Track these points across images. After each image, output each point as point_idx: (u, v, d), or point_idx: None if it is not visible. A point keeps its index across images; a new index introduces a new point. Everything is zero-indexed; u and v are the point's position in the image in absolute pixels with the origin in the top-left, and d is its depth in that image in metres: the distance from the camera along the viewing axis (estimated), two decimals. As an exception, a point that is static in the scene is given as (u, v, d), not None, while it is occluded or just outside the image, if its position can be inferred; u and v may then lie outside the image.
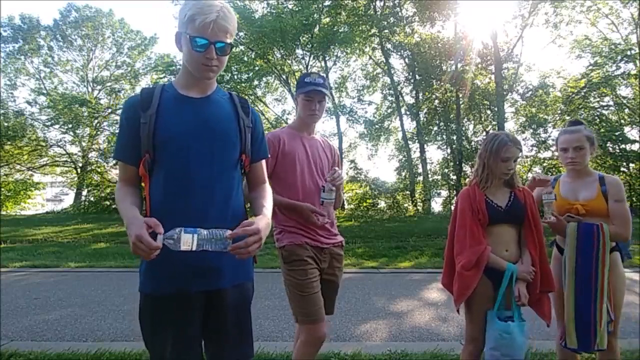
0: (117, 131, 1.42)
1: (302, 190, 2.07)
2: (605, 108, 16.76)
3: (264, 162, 1.58)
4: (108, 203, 18.44)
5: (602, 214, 2.11)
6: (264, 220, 1.31)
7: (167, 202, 1.32)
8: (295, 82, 2.24)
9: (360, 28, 16.80)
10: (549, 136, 16.35)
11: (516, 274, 1.96)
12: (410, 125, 19.16)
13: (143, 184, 1.41)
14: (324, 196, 2.02)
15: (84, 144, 21.97)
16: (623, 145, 14.19)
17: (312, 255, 2.04)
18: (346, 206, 17.81)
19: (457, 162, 17.58)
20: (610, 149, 14.12)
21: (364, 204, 17.25)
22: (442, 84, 17.25)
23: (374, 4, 17.77)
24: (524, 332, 1.94)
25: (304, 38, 16.08)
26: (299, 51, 17.10)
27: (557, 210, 2.16)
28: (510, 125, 18.03)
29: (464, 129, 18.28)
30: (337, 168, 2.09)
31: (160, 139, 1.33)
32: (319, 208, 2.05)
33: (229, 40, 1.34)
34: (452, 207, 2.61)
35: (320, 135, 2.29)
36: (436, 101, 18.77)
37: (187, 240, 1.15)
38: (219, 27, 1.29)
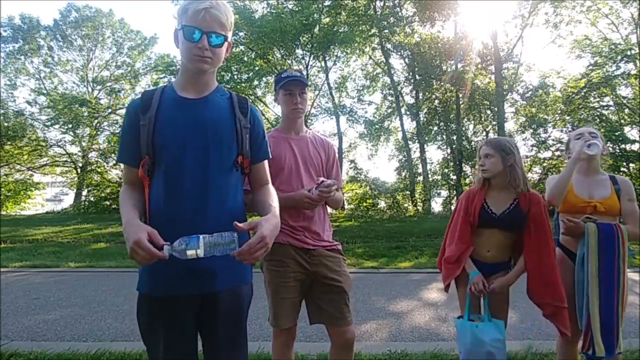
0: (117, 131, 1.44)
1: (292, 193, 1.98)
2: (605, 108, 16.76)
3: (266, 162, 1.55)
4: (108, 203, 18.46)
5: (615, 212, 2.09)
6: (271, 222, 1.26)
7: (163, 205, 1.33)
8: (274, 82, 2.15)
9: (360, 28, 16.79)
10: (549, 136, 16.38)
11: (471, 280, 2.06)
12: (410, 125, 19.21)
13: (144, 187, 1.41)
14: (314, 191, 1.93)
15: (84, 144, 21.97)
16: (623, 145, 14.17)
17: (294, 257, 1.97)
18: (346, 206, 17.80)
19: (457, 162, 17.59)
20: (610, 149, 14.09)
21: (364, 204, 17.24)
22: (442, 84, 17.26)
23: (374, 4, 17.78)
24: (481, 332, 2.00)
25: (304, 38, 16.09)
26: (299, 51, 17.12)
27: (572, 209, 2.12)
28: (510, 125, 18.08)
29: (464, 129, 18.29)
30: (323, 179, 1.91)
31: (159, 141, 1.34)
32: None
33: (223, 34, 1.33)
34: (453, 206, 2.68)
35: (313, 132, 2.20)
36: (436, 101, 18.78)
37: (192, 250, 1.14)
38: (211, 17, 1.29)
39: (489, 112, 18.41)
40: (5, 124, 19.30)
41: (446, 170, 18.86)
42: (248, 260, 1.19)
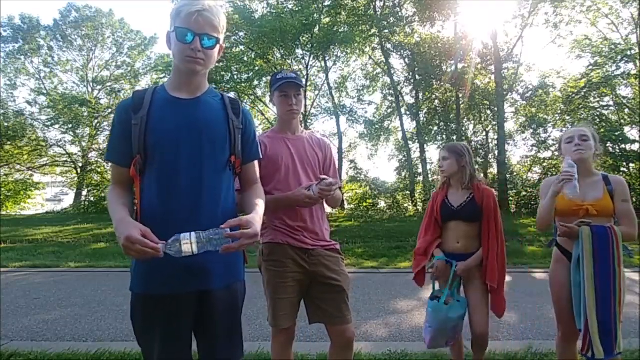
0: (115, 132, 1.45)
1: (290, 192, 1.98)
2: (605, 108, 16.73)
3: (256, 162, 1.58)
4: (108, 203, 18.44)
5: (609, 214, 2.07)
6: (257, 221, 1.32)
7: (156, 204, 1.34)
8: (269, 84, 2.17)
9: (360, 28, 16.79)
10: (549, 136, 16.36)
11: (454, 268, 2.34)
12: (410, 125, 19.18)
13: (135, 186, 1.41)
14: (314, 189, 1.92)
15: (84, 144, 22.00)
16: (623, 145, 14.14)
17: (293, 257, 1.96)
18: (346, 206, 17.80)
19: (457, 162, 17.50)
20: (610, 149, 14.07)
21: (364, 204, 17.20)
22: (442, 84, 17.25)
23: (374, 4, 17.77)
24: (449, 310, 2.29)
25: (304, 38, 16.07)
26: (299, 51, 17.12)
27: (565, 212, 2.11)
28: (510, 125, 18.05)
29: (464, 129, 18.27)
30: (325, 177, 1.89)
31: (151, 140, 1.34)
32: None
33: (216, 36, 1.35)
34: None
35: (309, 133, 2.20)
36: (436, 101, 18.77)
37: (187, 246, 1.15)
38: (204, 19, 1.31)
39: (489, 112, 18.37)
40: (5, 124, 19.30)
41: (446, 170, 18.78)
42: (233, 246, 1.21)
